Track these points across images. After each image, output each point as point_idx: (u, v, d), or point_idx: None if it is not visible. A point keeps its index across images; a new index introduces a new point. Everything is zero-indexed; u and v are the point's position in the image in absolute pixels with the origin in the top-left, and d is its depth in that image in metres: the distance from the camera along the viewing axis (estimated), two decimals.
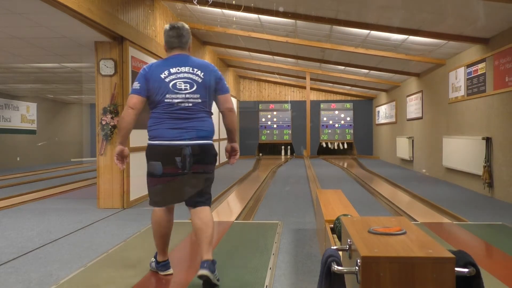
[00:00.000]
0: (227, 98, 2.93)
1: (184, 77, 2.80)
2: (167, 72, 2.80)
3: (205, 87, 2.82)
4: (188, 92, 2.79)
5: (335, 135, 17.07)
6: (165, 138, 2.77)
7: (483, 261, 3.37)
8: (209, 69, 2.87)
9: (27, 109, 14.67)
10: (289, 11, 7.17)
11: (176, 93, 2.77)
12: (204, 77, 2.82)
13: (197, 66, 2.85)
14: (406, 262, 1.35)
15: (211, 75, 2.86)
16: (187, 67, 2.82)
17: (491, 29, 6.39)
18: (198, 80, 2.81)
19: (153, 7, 7.19)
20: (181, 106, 2.78)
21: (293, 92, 17.16)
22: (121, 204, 5.90)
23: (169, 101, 2.77)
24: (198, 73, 2.82)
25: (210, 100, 2.88)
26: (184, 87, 2.78)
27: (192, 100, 2.79)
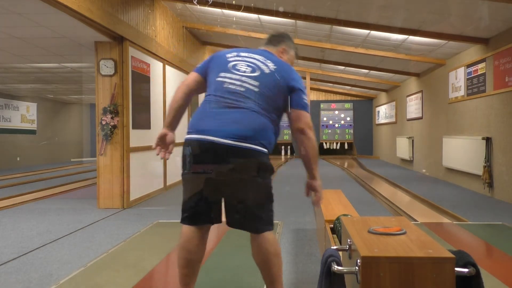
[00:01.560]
0: (301, 115, 2.17)
1: (249, 61, 2.21)
2: (235, 53, 2.28)
3: (271, 81, 2.16)
4: (246, 74, 2.15)
5: (335, 135, 17.07)
6: (193, 130, 2.16)
7: (483, 261, 3.37)
8: (285, 68, 2.24)
9: (27, 109, 14.68)
10: (289, 11, 7.16)
11: (232, 72, 2.17)
12: (274, 71, 2.18)
13: (271, 59, 2.24)
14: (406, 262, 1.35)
15: (286, 75, 2.20)
16: (259, 56, 2.25)
17: (491, 29, 6.39)
18: (264, 69, 2.17)
19: (153, 7, 7.19)
20: (229, 89, 2.13)
21: None
22: (121, 204, 5.90)
23: (220, 80, 2.17)
24: (268, 64, 2.20)
25: (273, 100, 2.16)
26: (244, 69, 2.18)
27: (247, 85, 2.13)
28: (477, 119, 7.19)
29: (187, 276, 2.18)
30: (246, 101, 2.10)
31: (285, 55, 2.42)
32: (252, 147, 2.06)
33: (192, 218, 2.18)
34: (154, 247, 3.83)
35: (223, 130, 2.04)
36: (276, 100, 2.17)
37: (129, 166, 5.99)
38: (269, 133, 2.16)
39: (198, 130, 2.11)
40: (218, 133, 2.04)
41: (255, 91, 2.12)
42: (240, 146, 2.03)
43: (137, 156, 6.33)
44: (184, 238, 2.19)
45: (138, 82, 6.40)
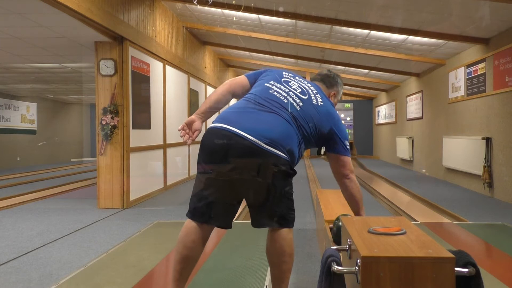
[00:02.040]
0: (345, 161, 2.22)
1: (302, 85, 2.24)
2: (292, 74, 2.31)
3: (315, 112, 2.14)
4: (294, 92, 2.16)
5: None
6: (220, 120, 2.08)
7: (483, 261, 3.36)
8: (331, 111, 2.23)
9: (27, 109, 14.68)
10: (289, 11, 7.17)
11: (282, 84, 2.19)
12: (321, 105, 2.19)
13: (321, 96, 2.25)
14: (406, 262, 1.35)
15: (330, 117, 2.19)
16: (313, 87, 2.27)
17: (491, 29, 6.39)
18: (313, 99, 2.18)
19: (153, 7, 7.19)
20: (273, 96, 2.12)
21: None
22: (121, 204, 5.90)
23: (267, 86, 2.17)
24: (318, 97, 2.21)
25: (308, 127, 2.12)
26: (295, 87, 2.20)
27: (291, 99, 2.12)
28: (477, 119, 7.19)
29: (178, 272, 2.10)
30: (284, 111, 2.08)
31: (333, 99, 2.44)
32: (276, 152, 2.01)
33: (196, 215, 2.11)
34: (154, 247, 3.82)
35: (250, 127, 2.00)
36: (310, 130, 2.14)
37: (129, 166, 5.99)
38: (294, 143, 2.09)
39: (226, 120, 2.05)
40: (244, 129, 1.99)
41: (296, 108, 2.11)
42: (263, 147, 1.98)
43: (137, 156, 6.33)
44: (183, 231, 2.12)
45: (138, 82, 6.40)
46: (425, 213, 5.46)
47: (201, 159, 2.09)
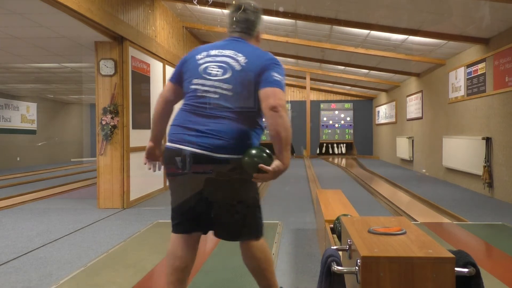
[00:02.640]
0: (269, 92, 1.97)
1: (219, 61, 2.06)
2: (205, 53, 2.12)
3: (244, 78, 2.01)
4: (218, 78, 2.03)
5: (335, 135, 17.08)
6: (173, 139, 2.09)
7: (483, 261, 3.37)
8: (256, 56, 2.06)
9: (27, 109, 14.68)
10: (289, 11, 7.17)
11: (204, 78, 2.06)
12: (246, 65, 2.02)
13: (243, 51, 2.07)
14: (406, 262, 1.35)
15: (257, 63, 2.03)
16: (230, 51, 2.08)
17: (491, 29, 6.39)
18: (236, 67, 2.02)
19: (153, 7, 7.19)
20: (204, 98, 2.04)
21: (293, 92, 17.16)
22: (121, 204, 5.90)
23: (194, 88, 2.08)
24: (239, 59, 2.03)
25: (250, 99, 2.04)
26: (216, 72, 2.04)
27: (220, 90, 2.01)
28: (477, 119, 7.19)
29: (172, 284, 2.08)
30: (221, 110, 2.00)
31: (259, 39, 2.26)
32: (231, 157, 1.97)
33: (178, 228, 2.15)
34: (154, 247, 3.83)
35: (201, 142, 1.98)
36: (253, 98, 2.03)
37: (129, 166, 5.99)
38: (248, 139, 2.03)
39: (178, 140, 2.05)
40: (196, 145, 1.98)
41: (229, 96, 2.00)
42: (218, 157, 1.96)
43: (137, 156, 6.33)
44: (171, 244, 2.15)
45: (138, 82, 6.40)
46: (425, 213, 5.46)
47: (167, 177, 2.17)
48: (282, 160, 1.96)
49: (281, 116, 1.93)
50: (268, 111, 1.94)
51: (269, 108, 1.94)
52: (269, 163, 1.95)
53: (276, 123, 1.93)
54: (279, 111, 1.93)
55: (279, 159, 1.97)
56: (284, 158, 1.97)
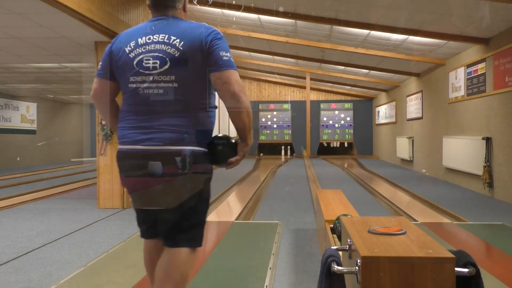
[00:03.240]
0: (224, 77, 1.82)
1: (153, 50, 1.85)
2: (133, 43, 1.89)
3: (187, 65, 1.83)
4: (158, 72, 1.83)
5: (335, 135, 17.08)
6: (124, 141, 1.90)
7: (483, 261, 3.37)
8: (193, 35, 1.84)
9: (27, 109, 14.68)
10: (289, 11, 7.17)
11: (142, 74, 1.86)
12: (184, 49, 1.82)
13: (176, 33, 1.86)
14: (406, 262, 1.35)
15: (197, 43, 1.82)
16: (162, 34, 1.87)
17: (491, 29, 6.39)
18: (174, 54, 1.82)
19: None
20: (148, 94, 1.85)
21: (293, 92, 17.16)
22: (121, 204, 5.90)
23: (134, 87, 1.88)
24: (175, 43, 1.83)
25: (199, 85, 1.86)
26: (153, 65, 1.84)
27: (163, 84, 1.83)
28: (477, 119, 7.19)
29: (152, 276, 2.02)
30: (169, 104, 1.83)
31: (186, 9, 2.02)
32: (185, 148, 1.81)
33: (143, 234, 2.05)
34: None
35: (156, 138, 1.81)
36: (202, 83, 1.86)
37: None
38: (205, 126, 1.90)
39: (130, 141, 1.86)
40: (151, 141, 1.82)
41: (175, 88, 1.82)
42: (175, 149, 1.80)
43: None
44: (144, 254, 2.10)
45: None
46: (425, 213, 5.46)
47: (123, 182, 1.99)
48: (246, 142, 1.90)
49: (243, 102, 1.82)
50: (227, 99, 1.82)
51: (229, 96, 1.81)
52: (236, 150, 1.90)
53: (239, 111, 1.83)
54: (240, 97, 1.81)
55: (243, 141, 1.91)
56: (248, 140, 1.91)
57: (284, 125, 17.19)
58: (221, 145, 1.91)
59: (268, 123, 17.25)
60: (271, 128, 17.25)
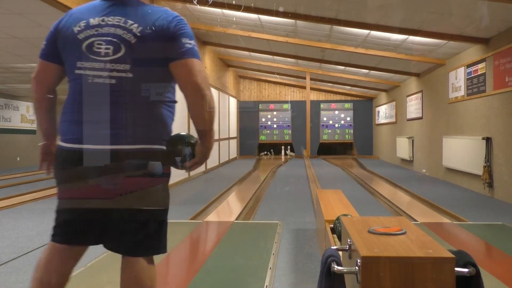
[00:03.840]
0: (185, 67, 1.62)
1: (106, 33, 1.62)
2: (84, 23, 1.65)
3: (144, 52, 1.62)
4: (110, 59, 1.61)
5: (335, 135, 17.08)
6: (68, 138, 1.68)
7: (483, 261, 3.37)
8: (153, 20, 1.63)
9: (27, 109, 14.68)
10: (289, 11, 7.17)
11: (92, 60, 1.62)
12: (142, 35, 1.61)
13: (134, 16, 1.64)
14: (406, 262, 1.35)
15: (157, 29, 1.62)
16: (118, 17, 1.64)
17: (491, 29, 6.39)
18: (130, 40, 1.61)
19: None
20: (98, 84, 1.62)
21: (293, 92, 17.16)
22: None
23: (81, 74, 1.65)
24: (132, 28, 1.61)
25: (157, 76, 1.67)
26: (105, 50, 1.61)
27: (116, 73, 1.61)
28: (477, 119, 7.19)
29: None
30: (122, 97, 1.62)
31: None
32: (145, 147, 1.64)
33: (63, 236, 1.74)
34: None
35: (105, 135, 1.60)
36: (160, 74, 1.67)
37: None
38: (162, 123, 1.72)
39: (73, 138, 1.66)
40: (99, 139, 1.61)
41: (129, 78, 1.61)
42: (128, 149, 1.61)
43: None
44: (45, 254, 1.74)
45: None
46: (425, 213, 5.46)
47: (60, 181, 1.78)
48: (206, 143, 1.71)
49: (204, 96, 1.63)
50: (188, 91, 1.64)
51: (190, 87, 1.63)
52: (194, 151, 1.73)
53: (200, 105, 1.64)
54: (202, 90, 1.62)
55: (202, 140, 1.72)
56: (208, 142, 1.71)
57: (284, 125, 17.19)
58: (180, 145, 1.73)
59: (268, 123, 17.25)
60: (271, 128, 17.25)
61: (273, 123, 17.23)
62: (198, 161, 1.73)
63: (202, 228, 4.62)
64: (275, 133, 17.23)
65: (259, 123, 17.22)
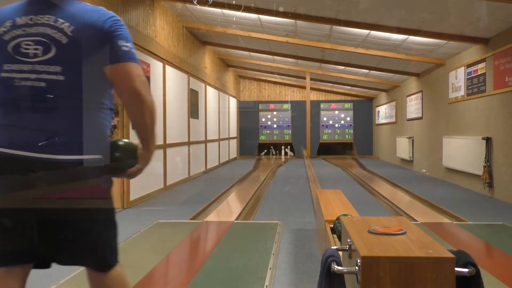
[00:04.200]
0: (123, 71, 1.54)
1: (35, 33, 1.52)
2: (10, 23, 1.55)
3: (76, 54, 1.52)
4: (39, 60, 1.50)
5: (335, 135, 17.08)
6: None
7: (483, 261, 3.37)
8: (86, 19, 1.53)
9: None
10: (289, 11, 7.17)
11: (19, 61, 1.52)
12: (74, 35, 1.51)
13: (65, 15, 1.53)
14: (406, 262, 1.35)
15: (91, 29, 1.52)
16: (48, 16, 1.53)
17: (491, 29, 6.39)
18: (61, 40, 1.50)
19: (153, 7, 7.19)
20: (26, 87, 1.51)
21: (293, 92, 17.16)
22: (121, 204, 5.90)
23: (7, 76, 1.53)
24: (63, 28, 1.51)
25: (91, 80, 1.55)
26: (34, 51, 1.51)
27: (46, 76, 1.50)
28: (477, 119, 7.19)
29: None
30: (53, 101, 1.51)
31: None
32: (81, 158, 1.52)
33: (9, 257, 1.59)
34: (154, 247, 3.83)
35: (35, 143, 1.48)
36: (95, 78, 1.55)
37: None
38: (98, 131, 1.61)
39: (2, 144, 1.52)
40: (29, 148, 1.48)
41: (60, 82, 1.50)
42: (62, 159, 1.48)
43: None
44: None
45: None
46: (425, 213, 5.46)
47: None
48: (149, 148, 1.65)
49: (145, 102, 1.56)
50: (127, 97, 1.56)
51: (127, 93, 1.55)
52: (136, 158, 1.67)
53: (141, 111, 1.57)
54: (142, 95, 1.54)
55: (144, 146, 1.65)
56: (150, 145, 1.65)
57: (284, 125, 17.19)
58: (119, 152, 1.66)
59: (268, 123, 17.25)
60: (271, 128, 17.25)
61: (273, 123, 17.23)
62: (141, 167, 1.67)
63: (202, 228, 4.62)
64: (275, 133, 17.23)
65: (259, 123, 17.21)
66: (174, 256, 3.53)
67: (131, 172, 1.67)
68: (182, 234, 4.22)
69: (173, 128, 7.86)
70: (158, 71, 7.36)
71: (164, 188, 7.49)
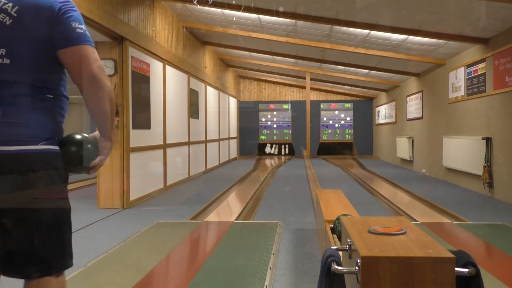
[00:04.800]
0: (78, 55, 1.45)
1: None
2: None
3: (22, 36, 1.42)
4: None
5: (335, 135, 17.08)
6: None
7: (483, 261, 3.37)
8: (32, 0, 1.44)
9: None
10: (289, 11, 7.17)
11: None
12: (20, 15, 1.42)
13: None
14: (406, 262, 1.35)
15: (36, 9, 1.43)
16: None
17: (491, 29, 6.39)
18: (4, 21, 1.42)
19: (153, 7, 7.19)
20: None
21: (293, 92, 17.16)
22: (121, 204, 5.90)
23: None
24: (6, 8, 1.43)
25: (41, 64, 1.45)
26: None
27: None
28: (477, 119, 7.19)
29: None
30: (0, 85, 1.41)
31: None
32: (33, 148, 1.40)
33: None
34: (154, 247, 3.83)
35: None
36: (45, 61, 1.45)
37: (129, 166, 5.99)
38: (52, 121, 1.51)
39: None
40: None
41: (6, 65, 1.40)
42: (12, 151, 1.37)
43: (137, 156, 6.33)
44: None
45: (138, 82, 6.40)
46: (425, 213, 5.46)
47: None
48: (109, 136, 1.58)
49: (102, 87, 1.46)
50: (85, 83, 1.46)
51: (84, 78, 1.45)
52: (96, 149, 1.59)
53: (100, 98, 1.48)
54: (100, 80, 1.46)
55: (104, 136, 1.58)
56: (111, 134, 1.58)
57: (284, 125, 17.19)
58: (76, 145, 1.55)
59: (268, 123, 17.25)
60: (271, 128, 17.25)
61: (273, 123, 17.23)
62: (104, 158, 1.59)
63: (202, 228, 4.62)
64: (275, 133, 17.23)
65: (259, 123, 17.21)
66: (174, 256, 3.53)
67: (94, 165, 1.56)
68: (182, 234, 4.22)
69: (173, 128, 7.86)
70: (158, 71, 7.36)
71: (164, 188, 7.49)
